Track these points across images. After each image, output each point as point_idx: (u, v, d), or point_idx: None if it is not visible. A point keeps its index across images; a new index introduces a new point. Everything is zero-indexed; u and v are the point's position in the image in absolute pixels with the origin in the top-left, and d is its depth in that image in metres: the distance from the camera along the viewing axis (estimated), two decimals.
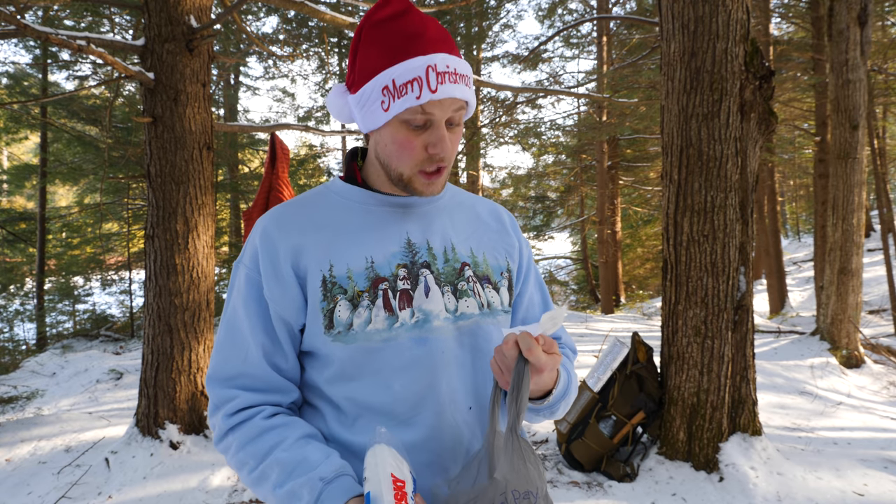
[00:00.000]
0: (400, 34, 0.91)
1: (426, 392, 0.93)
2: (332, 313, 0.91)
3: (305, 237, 0.95)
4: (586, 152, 15.06)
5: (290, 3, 3.97)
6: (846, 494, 2.96)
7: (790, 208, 27.42)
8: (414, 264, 0.95)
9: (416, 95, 0.88)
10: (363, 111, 0.94)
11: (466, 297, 0.97)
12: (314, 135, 15.44)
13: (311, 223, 0.97)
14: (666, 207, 3.40)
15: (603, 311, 13.07)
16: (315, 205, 1.00)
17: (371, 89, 0.91)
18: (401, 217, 0.99)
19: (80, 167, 9.40)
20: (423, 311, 0.93)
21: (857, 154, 5.88)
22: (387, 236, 0.96)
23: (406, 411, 0.93)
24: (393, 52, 0.90)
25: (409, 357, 0.92)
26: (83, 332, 9.83)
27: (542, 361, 0.84)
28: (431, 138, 0.91)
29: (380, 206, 0.99)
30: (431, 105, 0.89)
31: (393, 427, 0.92)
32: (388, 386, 0.92)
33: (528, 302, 1.13)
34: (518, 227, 1.15)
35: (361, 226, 0.97)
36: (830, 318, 6.03)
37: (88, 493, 3.27)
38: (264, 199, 3.86)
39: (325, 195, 1.02)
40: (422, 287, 0.94)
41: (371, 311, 0.91)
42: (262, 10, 10.78)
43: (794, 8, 10.31)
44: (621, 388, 3.31)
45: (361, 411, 0.93)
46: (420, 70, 0.88)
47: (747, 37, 3.20)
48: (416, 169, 0.93)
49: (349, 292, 0.92)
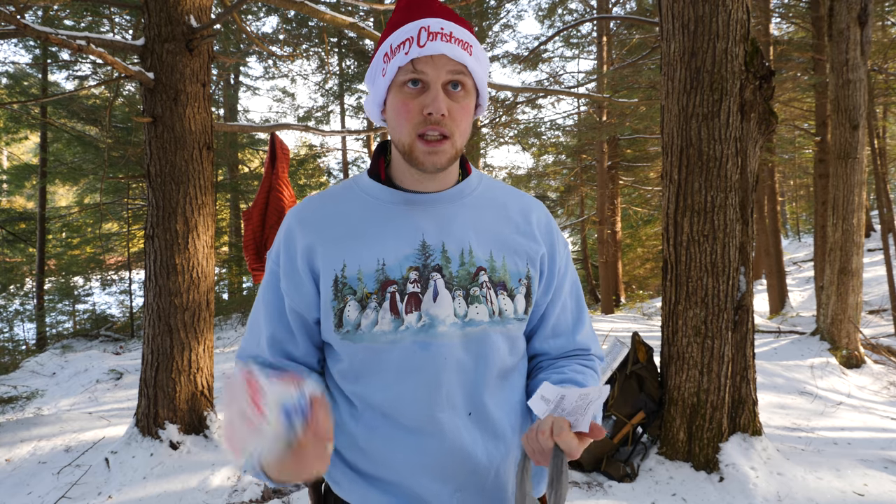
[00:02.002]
0: (405, 8, 0.94)
1: (427, 396, 0.93)
2: (341, 312, 0.93)
3: (323, 235, 0.97)
4: (586, 152, 15.06)
5: (290, 3, 3.97)
6: (846, 494, 2.96)
7: (790, 208, 27.42)
8: (426, 267, 0.95)
9: (405, 52, 0.88)
10: (371, 88, 0.96)
11: (478, 303, 0.95)
12: (314, 135, 15.44)
13: (331, 221, 0.98)
14: (666, 207, 3.40)
15: (603, 311, 13.07)
16: (338, 201, 1.01)
17: (376, 61, 0.94)
18: (420, 216, 0.97)
19: (80, 167, 9.40)
20: (430, 315, 0.93)
21: (858, 154, 5.88)
22: (402, 237, 0.96)
23: (406, 413, 0.94)
24: (394, 23, 0.93)
25: (411, 360, 0.93)
26: (83, 332, 9.84)
27: (573, 448, 0.82)
28: (426, 99, 0.89)
29: (400, 203, 0.98)
30: (421, 62, 0.89)
31: (394, 428, 0.94)
32: (390, 387, 0.94)
33: (561, 309, 1.10)
34: (554, 229, 1.09)
35: (378, 225, 0.97)
36: (830, 318, 6.03)
37: (88, 493, 3.26)
38: (264, 199, 3.86)
39: (351, 190, 1.02)
40: (431, 291, 0.94)
41: (378, 312, 0.92)
42: (262, 10, 10.78)
43: (794, 8, 10.31)
44: (621, 388, 3.31)
45: (366, 407, 0.96)
46: (413, 31, 0.89)
47: (747, 37, 3.20)
48: (414, 133, 0.91)
49: (358, 293, 0.93)
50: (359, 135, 13.45)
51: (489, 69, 0.95)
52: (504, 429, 0.99)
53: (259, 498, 3.15)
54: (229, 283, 12.95)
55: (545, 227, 1.06)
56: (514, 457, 1.00)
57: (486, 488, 0.97)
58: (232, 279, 12.93)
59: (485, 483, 0.97)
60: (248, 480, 3.30)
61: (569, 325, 1.10)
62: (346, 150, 15.53)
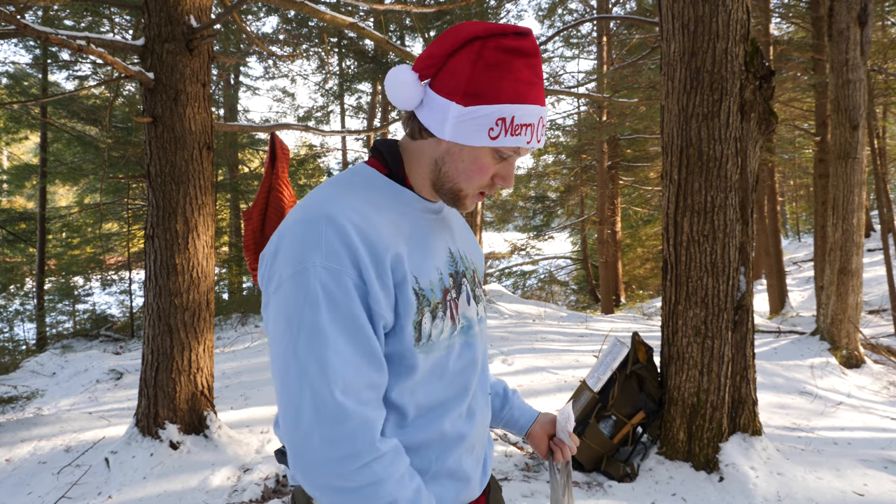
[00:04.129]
0: (529, 76, 0.94)
1: (469, 390, 1.05)
2: (420, 325, 0.94)
3: (395, 242, 0.92)
4: (586, 152, 15.06)
5: (290, 3, 3.97)
6: (846, 494, 2.96)
7: (790, 208, 27.42)
8: (458, 273, 1.04)
9: (526, 140, 0.95)
10: (463, 125, 0.93)
11: (481, 302, 1.10)
12: (314, 135, 15.44)
13: (389, 228, 0.93)
14: (666, 207, 3.40)
15: (603, 311, 13.08)
16: (380, 207, 0.95)
17: (487, 113, 0.92)
18: (439, 225, 1.05)
19: (80, 167, 9.41)
20: (467, 318, 1.03)
21: (858, 154, 5.88)
22: (440, 246, 1.03)
23: (459, 407, 1.03)
24: (522, 92, 0.93)
25: (462, 360, 1.03)
26: (83, 332, 9.84)
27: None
28: (503, 171, 0.99)
29: (431, 212, 1.04)
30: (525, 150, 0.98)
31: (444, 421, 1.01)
32: (450, 387, 1.02)
33: None
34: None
35: (426, 235, 1.01)
36: (830, 318, 6.03)
37: (88, 493, 3.27)
38: (264, 198, 3.84)
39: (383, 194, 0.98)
40: (464, 295, 1.04)
41: (444, 321, 0.98)
42: (262, 10, 10.78)
43: (794, 8, 10.31)
44: (621, 388, 3.31)
45: (422, 412, 0.99)
46: (535, 118, 0.95)
47: (747, 37, 3.20)
48: (477, 190, 1.00)
49: (431, 304, 0.96)
50: (359, 135, 13.45)
51: None
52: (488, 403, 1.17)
53: (259, 498, 3.15)
54: (229, 283, 12.96)
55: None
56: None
57: (480, 458, 1.11)
58: (232, 279, 12.93)
59: (481, 454, 1.11)
60: (248, 480, 3.30)
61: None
62: (346, 150, 15.54)
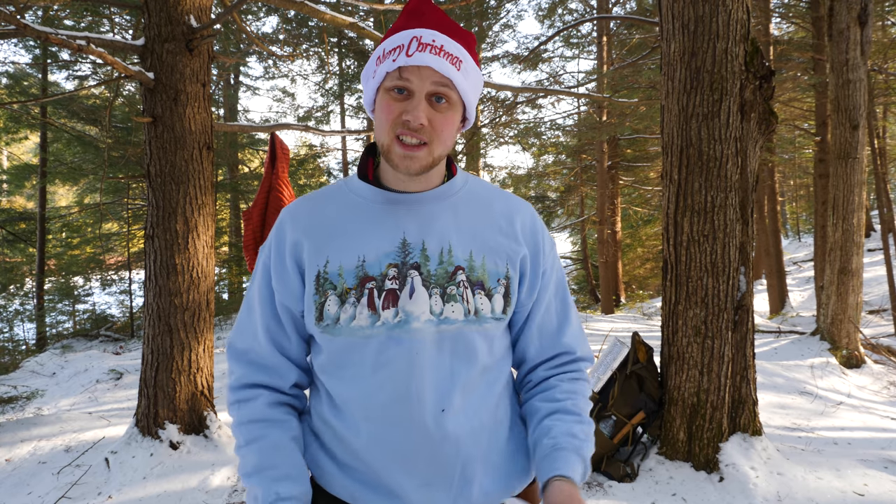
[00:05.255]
0: (404, 15, 0.98)
1: (398, 390, 0.96)
2: (322, 307, 0.98)
3: (310, 232, 1.02)
4: (586, 152, 15.06)
5: (290, 3, 3.97)
6: (846, 494, 2.96)
7: (790, 208, 27.41)
8: (404, 265, 0.98)
9: (393, 59, 0.93)
10: (364, 87, 1.01)
11: (454, 301, 0.98)
12: (314, 135, 15.43)
13: (319, 218, 1.03)
14: (666, 207, 3.40)
15: (603, 311, 13.07)
16: (328, 200, 1.06)
17: (369, 63, 1.00)
18: (403, 215, 1.01)
19: (80, 167, 9.40)
20: (406, 311, 0.96)
21: (858, 154, 5.88)
22: (384, 235, 0.99)
23: (379, 407, 0.97)
24: (393, 29, 0.98)
25: (384, 355, 0.96)
26: (83, 332, 9.84)
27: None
28: (408, 106, 0.93)
29: (385, 202, 1.02)
30: (408, 71, 0.93)
31: (367, 421, 0.99)
32: (365, 380, 0.98)
33: (545, 310, 1.11)
34: (539, 231, 1.10)
35: (362, 223, 1.01)
36: (830, 318, 6.03)
37: (88, 493, 3.26)
38: (264, 199, 3.86)
39: (340, 190, 1.07)
40: (408, 288, 0.97)
41: (356, 308, 0.97)
42: (262, 10, 10.78)
43: (794, 8, 10.31)
44: (621, 388, 3.31)
45: (344, 401, 1.01)
46: (405, 39, 0.94)
47: (747, 37, 3.20)
48: (392, 134, 0.94)
49: (338, 288, 0.98)
50: (359, 135, 13.44)
51: (481, 85, 1.00)
52: (475, 427, 1.01)
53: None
54: (229, 283, 12.95)
55: (529, 229, 1.08)
56: (483, 455, 1.02)
57: (453, 485, 0.99)
58: (232, 279, 12.93)
59: (452, 480, 0.99)
60: None
61: (553, 326, 1.12)
62: (346, 150, 15.53)
